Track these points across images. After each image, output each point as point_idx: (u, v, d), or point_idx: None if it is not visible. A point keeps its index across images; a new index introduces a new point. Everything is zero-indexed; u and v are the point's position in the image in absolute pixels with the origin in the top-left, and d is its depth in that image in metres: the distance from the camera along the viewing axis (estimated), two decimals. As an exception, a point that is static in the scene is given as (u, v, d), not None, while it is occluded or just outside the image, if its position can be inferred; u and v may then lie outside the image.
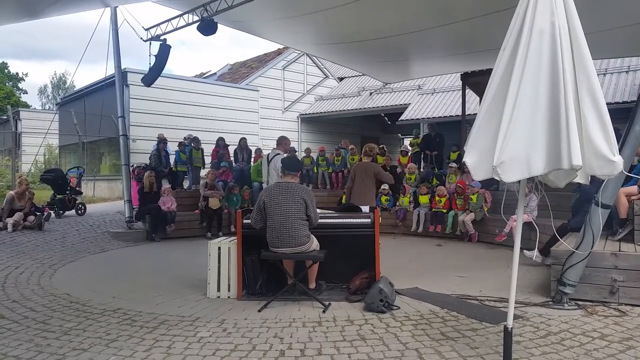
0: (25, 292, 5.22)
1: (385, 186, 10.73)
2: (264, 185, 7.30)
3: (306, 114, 20.15)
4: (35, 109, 35.50)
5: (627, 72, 13.23)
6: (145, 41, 9.93)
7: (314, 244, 4.63)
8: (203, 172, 11.75)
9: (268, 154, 7.12)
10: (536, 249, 6.13)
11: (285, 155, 6.69)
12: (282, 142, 7.09)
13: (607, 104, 2.79)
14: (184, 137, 12.22)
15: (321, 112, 19.86)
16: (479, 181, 8.73)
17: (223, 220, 10.01)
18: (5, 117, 24.36)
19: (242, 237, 4.93)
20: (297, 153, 14.29)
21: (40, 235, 8.86)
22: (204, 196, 9.98)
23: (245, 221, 4.94)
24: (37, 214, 9.51)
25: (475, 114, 3.04)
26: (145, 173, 9.78)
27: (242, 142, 12.28)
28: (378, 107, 18.22)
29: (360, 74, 17.14)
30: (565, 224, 6.28)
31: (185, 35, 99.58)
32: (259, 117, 18.38)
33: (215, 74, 22.52)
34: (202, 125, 15.80)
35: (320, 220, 4.75)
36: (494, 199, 9.30)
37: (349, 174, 11.83)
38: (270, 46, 24.87)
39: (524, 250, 6.17)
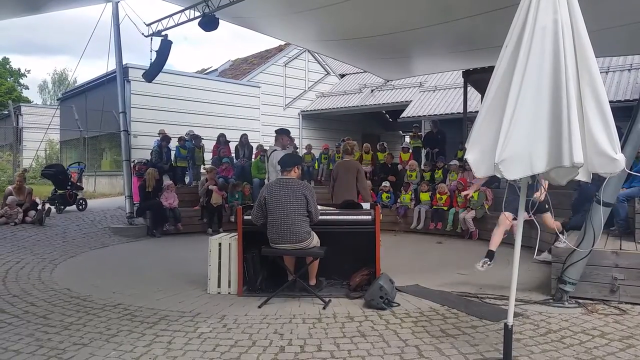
0: (26, 287, 5.24)
1: (386, 183, 10.73)
2: (266, 182, 7.23)
3: (307, 110, 20.13)
4: (36, 104, 35.47)
5: (629, 70, 13.20)
6: (147, 37, 9.93)
7: (315, 240, 4.63)
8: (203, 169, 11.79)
9: (267, 151, 7.01)
10: (546, 251, 6.12)
11: (281, 151, 6.65)
12: (278, 138, 6.76)
13: (609, 102, 2.78)
14: (185, 133, 12.22)
15: (322, 109, 19.83)
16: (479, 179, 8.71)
17: (223, 216, 10.00)
18: (6, 112, 24.37)
19: (242, 233, 4.93)
20: (297, 150, 14.26)
21: (41, 230, 8.87)
22: (207, 191, 9.96)
23: (246, 217, 4.94)
24: (38, 209, 9.54)
25: (477, 112, 3.03)
26: (148, 170, 9.78)
27: (243, 139, 12.27)
28: (379, 104, 18.19)
29: (361, 70, 17.13)
30: (565, 222, 6.28)
31: (188, 30, 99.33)
32: (260, 113, 18.35)
33: (216, 70, 22.48)
34: (203, 121, 15.77)
35: (321, 217, 4.75)
36: (494, 196, 9.29)
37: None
38: (272, 42, 24.81)
39: (542, 254, 6.18)
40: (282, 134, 6.77)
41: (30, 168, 17.80)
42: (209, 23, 8.30)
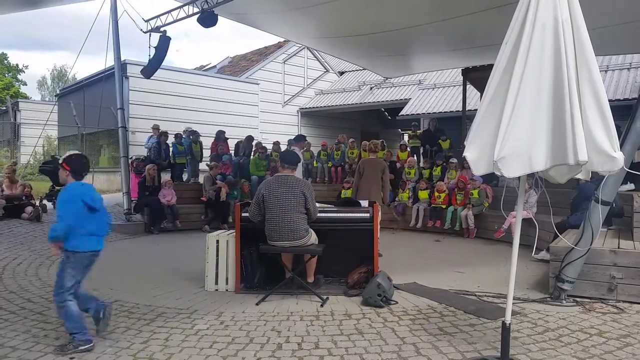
0: (23, 283, 5.22)
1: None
2: None
3: (306, 108, 20.09)
4: (34, 100, 35.34)
5: (628, 69, 13.19)
6: (145, 33, 9.88)
7: (313, 237, 4.62)
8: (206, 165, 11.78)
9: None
10: (544, 250, 6.12)
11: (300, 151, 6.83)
12: (297, 144, 7.72)
13: (608, 100, 2.77)
14: (182, 130, 12.19)
15: (321, 107, 19.79)
16: (480, 176, 8.73)
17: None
18: (4, 108, 24.29)
19: (240, 230, 4.92)
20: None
21: (39, 227, 8.84)
22: (217, 188, 9.95)
23: (244, 214, 4.92)
24: (35, 205, 9.51)
25: (476, 110, 3.02)
26: (147, 166, 9.75)
27: (249, 139, 12.32)
28: (378, 101, 18.17)
29: (360, 68, 17.06)
30: (564, 220, 6.27)
31: (189, 27, 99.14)
32: (259, 110, 18.32)
33: (215, 66, 22.43)
34: (201, 118, 15.73)
35: (319, 215, 4.75)
36: (493, 194, 9.28)
37: (350, 169, 11.82)
38: (271, 39, 24.72)
39: (540, 252, 6.20)
40: (302, 140, 7.91)
41: (27, 164, 17.74)
42: (207, 19, 8.27)
